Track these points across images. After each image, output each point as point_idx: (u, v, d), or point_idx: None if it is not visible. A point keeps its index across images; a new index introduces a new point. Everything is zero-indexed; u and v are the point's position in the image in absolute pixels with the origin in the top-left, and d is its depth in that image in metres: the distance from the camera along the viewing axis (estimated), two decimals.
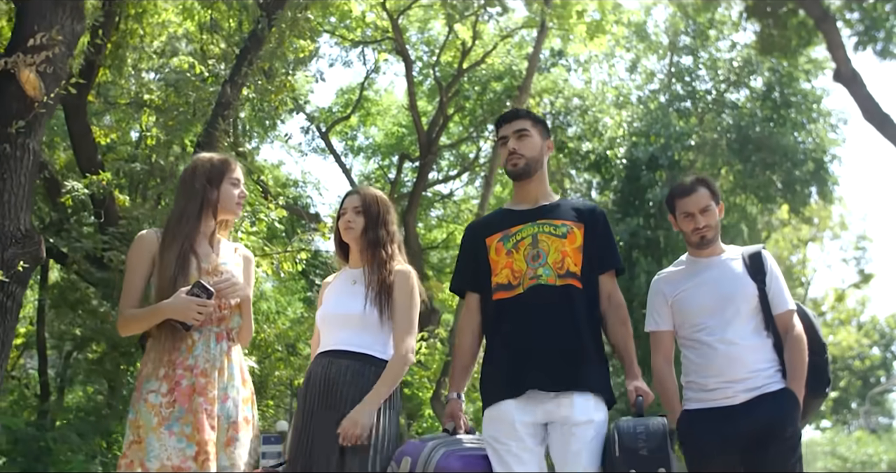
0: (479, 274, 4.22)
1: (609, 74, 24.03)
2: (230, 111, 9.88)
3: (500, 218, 4.35)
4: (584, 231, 4.16)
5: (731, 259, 4.55)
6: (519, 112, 4.43)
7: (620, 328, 4.16)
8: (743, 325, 4.38)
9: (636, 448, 3.73)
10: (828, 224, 29.64)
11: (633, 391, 4.00)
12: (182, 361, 3.89)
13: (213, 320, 3.96)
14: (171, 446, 3.78)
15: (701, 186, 4.54)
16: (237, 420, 3.93)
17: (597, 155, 20.92)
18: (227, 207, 4.14)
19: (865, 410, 39.30)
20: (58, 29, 6.39)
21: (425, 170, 19.49)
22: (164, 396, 3.85)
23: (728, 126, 20.89)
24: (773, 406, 4.27)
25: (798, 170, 20.23)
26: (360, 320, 4.19)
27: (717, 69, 21.94)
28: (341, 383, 4.10)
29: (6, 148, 6.13)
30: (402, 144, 22.81)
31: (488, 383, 4.14)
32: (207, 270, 3.99)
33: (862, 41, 14.61)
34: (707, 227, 4.47)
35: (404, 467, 3.88)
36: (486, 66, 19.25)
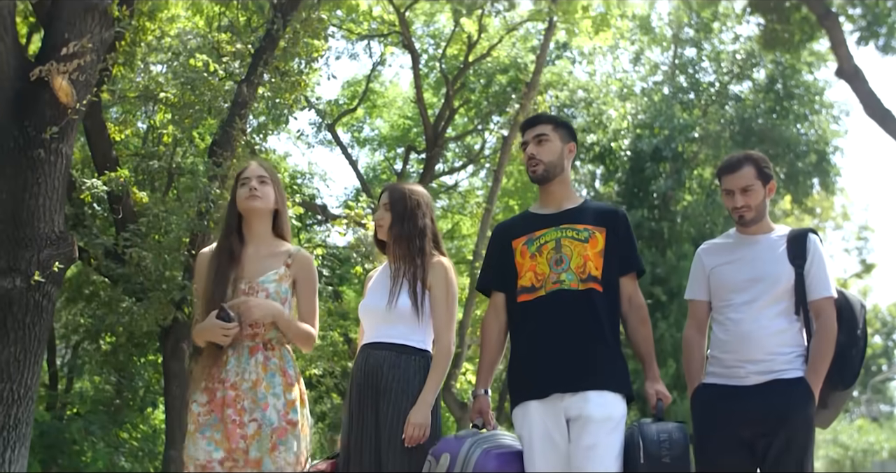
0: (505, 275, 4.35)
1: (613, 66, 24.20)
2: (246, 110, 10.11)
3: (525, 221, 4.48)
4: (605, 235, 4.25)
5: (776, 239, 4.45)
6: (541, 117, 4.56)
7: (641, 329, 4.31)
8: (769, 307, 4.33)
9: (660, 456, 3.90)
10: (830, 214, 29.76)
11: (653, 394, 4.19)
12: (218, 375, 4.20)
13: (246, 336, 4.19)
14: (202, 448, 4.16)
15: (747, 164, 4.43)
16: (280, 425, 4.13)
17: (601, 147, 21.05)
18: (241, 205, 4.33)
19: (867, 398, 39.38)
20: (88, 37, 6.62)
21: (432, 162, 19.67)
22: (203, 406, 4.20)
23: (731, 118, 21.02)
24: (785, 394, 4.23)
25: (800, 162, 20.40)
26: (387, 313, 4.30)
27: (720, 61, 22.07)
28: (379, 374, 4.22)
29: (41, 153, 6.38)
30: (408, 136, 22.96)
31: (514, 383, 4.34)
32: (244, 290, 4.23)
33: (864, 37, 14.70)
34: (746, 207, 4.39)
35: (444, 463, 3.98)
36: (492, 59, 19.37)
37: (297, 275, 4.36)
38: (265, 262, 4.33)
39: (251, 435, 4.12)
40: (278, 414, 4.15)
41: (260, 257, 4.34)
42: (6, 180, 6.32)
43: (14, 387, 6.19)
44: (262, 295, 4.23)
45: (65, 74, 6.35)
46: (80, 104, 6.54)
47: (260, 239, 4.38)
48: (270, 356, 4.23)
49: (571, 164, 4.54)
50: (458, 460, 3.98)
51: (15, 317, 6.26)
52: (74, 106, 6.49)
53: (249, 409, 4.13)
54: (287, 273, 4.34)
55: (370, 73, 21.51)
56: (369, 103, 23.05)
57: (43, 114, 6.44)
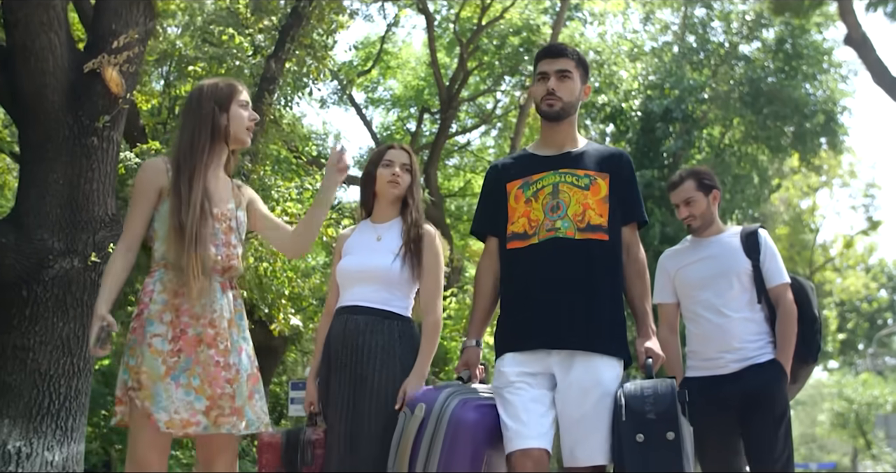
0: (498, 220, 4.04)
1: (623, 26, 24.36)
2: (275, 85, 10.45)
3: (522, 162, 4.13)
4: (609, 181, 3.94)
5: (729, 237, 4.90)
6: (566, 49, 4.12)
7: (637, 282, 3.96)
8: (736, 298, 4.70)
9: (644, 412, 3.58)
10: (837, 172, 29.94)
11: (643, 352, 3.87)
12: (188, 309, 3.62)
13: (219, 270, 3.71)
14: (178, 398, 3.53)
15: (688, 179, 4.93)
16: (252, 372, 3.73)
17: (612, 107, 21.28)
18: (238, 133, 3.85)
19: (872, 352, 39.66)
20: (134, 28, 6.97)
21: (446, 123, 19.97)
22: (170, 343, 3.58)
23: (741, 78, 21.23)
24: (761, 376, 4.60)
25: (808, 122, 20.59)
26: (385, 276, 4.11)
27: (729, 21, 22.22)
28: (360, 340, 4.02)
29: (94, 141, 6.75)
30: (422, 96, 23.24)
31: (501, 334, 3.98)
32: (217, 216, 3.73)
33: (873, 3, 14.93)
34: (691, 217, 4.88)
35: (418, 413, 3.73)
36: (505, 22, 19.61)
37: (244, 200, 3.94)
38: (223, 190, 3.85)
39: (231, 381, 3.62)
40: (250, 360, 3.73)
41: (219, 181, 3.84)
42: (62, 167, 6.67)
43: (74, 361, 6.55)
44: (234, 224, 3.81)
45: (115, 66, 6.71)
46: (129, 93, 6.91)
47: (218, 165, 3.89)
48: (236, 295, 3.80)
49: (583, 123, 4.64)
50: (433, 410, 3.73)
51: (74, 296, 6.61)
52: (124, 95, 6.85)
53: (231, 351, 3.66)
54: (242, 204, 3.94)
55: (384, 35, 21.74)
56: (383, 64, 23.30)
57: (95, 104, 6.78)
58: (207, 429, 3.56)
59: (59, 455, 6.36)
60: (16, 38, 6.61)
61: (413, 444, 3.71)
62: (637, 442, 3.54)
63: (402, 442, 3.74)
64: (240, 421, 3.62)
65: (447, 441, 3.68)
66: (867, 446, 40.93)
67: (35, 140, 6.73)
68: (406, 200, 4.31)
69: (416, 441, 3.71)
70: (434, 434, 3.70)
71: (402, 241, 4.19)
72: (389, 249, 4.18)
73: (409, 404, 3.82)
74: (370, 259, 4.16)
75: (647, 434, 3.54)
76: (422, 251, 4.20)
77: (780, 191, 26.53)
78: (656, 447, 3.53)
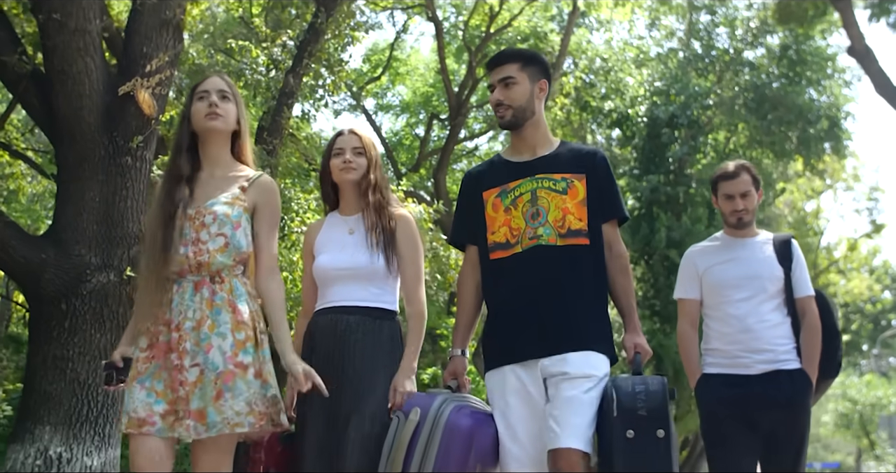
0: (476, 229, 3.98)
1: (629, 32, 24.59)
2: (293, 100, 10.78)
3: (497, 169, 4.03)
4: (585, 182, 3.88)
5: (763, 242, 4.88)
6: (504, 55, 4.04)
7: (620, 278, 3.94)
8: (766, 303, 4.70)
9: (635, 409, 3.53)
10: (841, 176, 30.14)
11: (631, 347, 3.83)
12: (163, 316, 3.66)
13: (191, 268, 3.68)
14: (139, 399, 3.57)
15: (744, 172, 4.86)
16: (225, 369, 3.56)
17: (618, 113, 21.52)
18: (197, 123, 3.80)
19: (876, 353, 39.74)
20: (164, 51, 7.29)
21: (455, 130, 20.22)
22: (144, 351, 3.66)
23: (745, 84, 21.48)
24: (790, 385, 4.60)
25: (812, 128, 20.81)
26: (367, 273, 3.97)
27: (734, 28, 22.48)
28: (353, 339, 3.89)
29: (128, 160, 7.06)
30: (431, 102, 23.51)
31: (488, 347, 3.95)
32: (190, 216, 3.70)
33: (875, 13, 15.18)
34: (745, 211, 4.83)
35: (413, 417, 3.67)
36: (513, 29, 19.86)
37: (258, 201, 3.80)
38: (219, 185, 3.79)
39: (192, 383, 3.55)
40: (223, 357, 3.56)
41: (214, 180, 3.81)
42: (98, 185, 6.98)
43: None
44: (209, 219, 3.71)
45: (148, 88, 7.02)
46: (161, 114, 7.23)
47: (216, 161, 3.85)
48: (218, 290, 3.66)
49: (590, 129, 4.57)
50: (429, 414, 3.67)
51: (111, 308, 6.91)
52: (156, 117, 7.18)
53: (192, 352, 3.57)
54: (242, 196, 3.79)
55: (393, 42, 22.02)
56: (392, 70, 23.57)
57: (129, 125, 7.09)
58: (162, 432, 3.54)
59: (98, 460, 6.65)
60: (54, 62, 6.93)
61: (407, 449, 3.66)
62: (627, 439, 3.49)
63: (396, 447, 3.67)
64: (199, 425, 3.53)
65: (442, 446, 3.64)
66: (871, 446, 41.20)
67: (72, 160, 7.04)
68: (365, 186, 4.11)
69: (410, 445, 3.66)
70: (429, 440, 3.65)
71: (374, 233, 4.01)
72: (363, 242, 4.01)
73: (404, 408, 3.75)
74: (348, 256, 4.00)
75: (638, 430, 3.49)
76: (397, 240, 4.05)
77: (784, 194, 26.74)
78: (646, 444, 3.49)
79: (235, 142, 3.90)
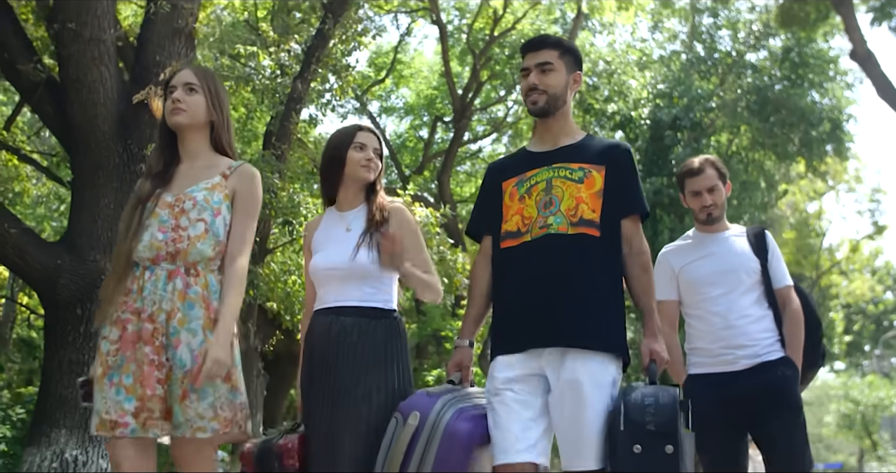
0: (493, 219, 3.84)
1: (632, 35, 24.69)
2: (301, 105, 10.90)
3: (518, 160, 3.93)
4: (604, 173, 3.71)
5: (735, 235, 4.78)
6: (546, 40, 3.91)
7: (641, 276, 3.72)
8: (744, 296, 4.59)
9: (643, 423, 3.36)
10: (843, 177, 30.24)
11: (646, 353, 3.63)
12: (131, 304, 3.48)
13: (167, 256, 3.51)
14: (110, 398, 3.39)
15: (709, 167, 4.75)
16: (193, 368, 3.40)
17: (622, 116, 21.58)
18: (167, 117, 3.73)
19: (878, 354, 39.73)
20: (177, 59, 7.41)
21: (459, 133, 20.37)
22: (114, 343, 3.47)
23: (748, 86, 21.57)
24: (775, 372, 4.48)
25: (815, 130, 20.87)
26: (360, 272, 3.85)
27: (736, 30, 22.57)
28: (349, 341, 3.78)
29: (142, 168, 7.16)
30: (434, 105, 23.65)
31: (496, 335, 3.79)
32: (170, 203, 3.58)
33: (877, 17, 15.31)
34: (713, 206, 4.72)
35: (412, 422, 3.54)
36: (516, 32, 19.98)
37: (238, 189, 3.67)
38: (199, 174, 3.68)
39: (163, 380, 3.40)
40: (192, 355, 3.40)
41: (194, 170, 3.70)
42: (113, 193, 7.10)
43: None
44: (188, 205, 3.58)
45: (161, 96, 7.11)
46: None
47: (195, 154, 3.74)
48: (192, 283, 3.50)
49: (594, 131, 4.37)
50: (428, 420, 3.53)
51: None
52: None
53: (166, 347, 3.42)
54: (223, 183, 3.67)
55: (397, 45, 22.14)
56: (396, 73, 23.69)
57: (143, 133, 7.23)
58: (135, 432, 3.37)
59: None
60: (69, 71, 7.05)
61: (405, 453, 3.52)
62: (634, 454, 3.34)
63: (394, 451, 3.54)
64: (166, 424, 3.41)
65: (441, 453, 3.50)
66: (873, 447, 41.26)
67: (87, 167, 7.16)
68: (372, 187, 4.02)
69: (407, 450, 3.52)
70: (428, 445, 3.51)
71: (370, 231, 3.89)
72: (360, 241, 3.89)
73: (403, 410, 3.61)
74: (340, 255, 3.87)
75: (645, 446, 3.34)
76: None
77: (786, 196, 26.85)
78: (654, 460, 3.33)
79: (214, 133, 3.75)
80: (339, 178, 4.00)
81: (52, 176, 11.96)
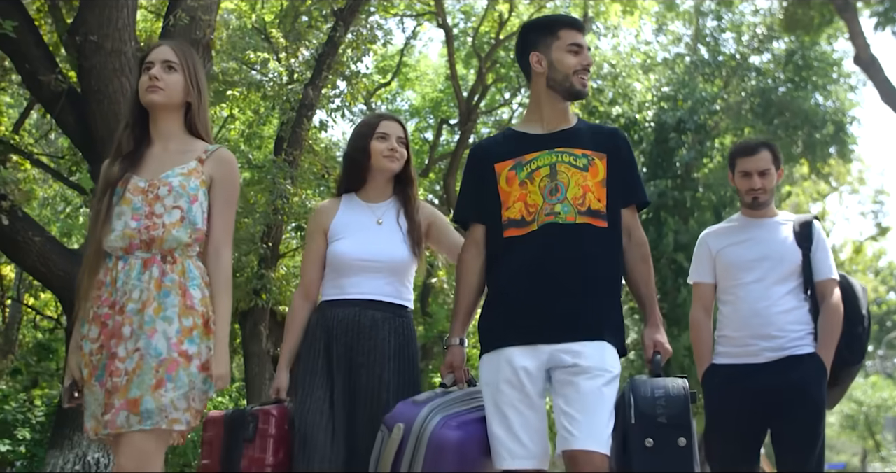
0: (486, 205, 3.64)
1: (637, 38, 24.79)
2: (313, 112, 11.06)
3: (510, 141, 3.71)
4: (606, 161, 3.59)
5: (781, 223, 4.58)
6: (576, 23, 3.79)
7: (641, 266, 3.66)
8: (779, 285, 4.41)
9: (654, 415, 3.30)
10: (846, 179, 30.31)
11: (650, 345, 3.56)
12: (106, 298, 3.32)
13: (141, 244, 3.33)
14: (100, 400, 3.25)
15: (764, 149, 4.56)
16: (169, 357, 3.21)
17: (626, 118, 21.68)
18: (141, 96, 3.49)
19: (881, 354, 39.86)
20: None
21: (465, 135, 20.48)
22: (94, 341, 3.30)
23: (752, 89, 21.68)
24: (800, 369, 4.30)
25: (818, 133, 20.99)
26: (399, 268, 3.81)
27: (741, 34, 22.69)
28: (379, 338, 3.70)
29: None
30: (440, 107, 23.77)
31: (490, 326, 3.60)
32: (143, 189, 3.39)
33: (881, 22, 15.38)
34: (762, 190, 4.52)
35: (396, 435, 3.38)
36: None
37: (215, 175, 3.47)
38: (173, 158, 3.47)
39: (132, 370, 3.19)
40: (168, 343, 3.22)
41: (168, 154, 3.49)
42: None
43: None
44: (163, 191, 3.38)
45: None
46: None
47: (168, 136, 3.53)
48: (168, 270, 3.32)
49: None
50: (412, 430, 3.37)
51: None
52: None
53: (133, 337, 3.23)
54: (199, 169, 3.46)
55: (403, 48, 22.27)
56: (402, 76, 23.81)
57: None
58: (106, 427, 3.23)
59: None
60: (90, 82, 7.19)
61: (392, 467, 3.39)
62: (646, 447, 3.28)
63: (381, 467, 3.42)
64: (132, 415, 3.16)
65: (427, 465, 3.35)
66: (876, 448, 41.40)
67: None
68: (402, 178, 3.96)
69: (394, 463, 3.39)
70: (413, 458, 3.37)
71: (407, 227, 3.86)
72: (397, 237, 3.84)
73: (387, 422, 3.45)
74: (381, 248, 3.80)
75: (657, 439, 3.28)
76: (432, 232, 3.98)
77: (790, 197, 26.93)
78: (666, 453, 3.27)
79: (188, 115, 3.56)
80: (365, 170, 3.93)
81: (62, 178, 12.09)
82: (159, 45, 3.56)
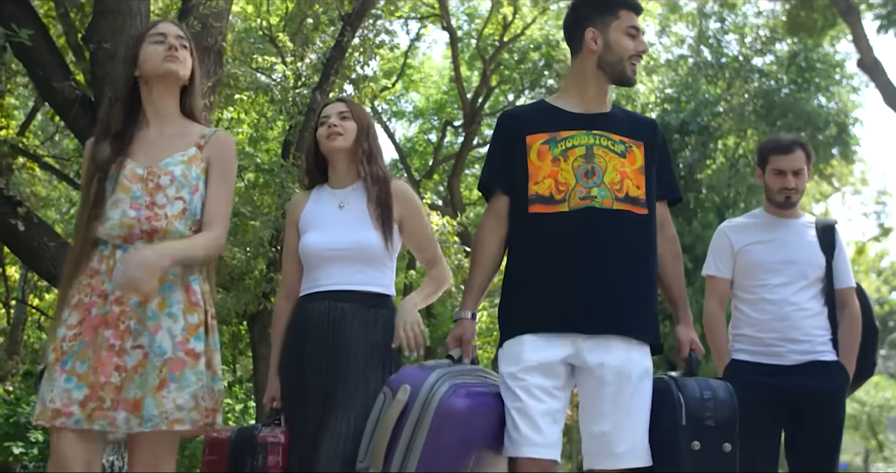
0: (513, 175, 3.45)
1: None
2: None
3: (546, 115, 3.52)
4: (644, 150, 3.45)
5: (806, 224, 4.52)
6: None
7: (675, 263, 3.56)
8: (805, 290, 4.38)
9: (703, 418, 3.20)
10: (849, 180, 30.31)
11: (686, 344, 3.46)
12: (97, 286, 3.16)
13: (142, 234, 3.19)
14: (58, 386, 3.05)
15: (799, 148, 4.47)
16: (174, 356, 3.10)
17: None
18: (153, 68, 3.28)
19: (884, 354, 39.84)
20: (207, 77, 7.61)
21: (470, 138, 20.57)
22: (72, 328, 3.13)
23: (755, 90, 21.76)
24: (827, 377, 4.31)
25: (821, 134, 21.03)
26: (365, 253, 3.59)
27: (743, 35, 22.75)
28: (348, 332, 3.51)
29: None
30: (444, 109, 23.86)
31: (512, 311, 3.45)
32: (142, 176, 3.24)
33: (884, 25, 15.44)
34: (795, 190, 4.44)
35: (401, 397, 3.18)
36: (525, 38, 20.18)
37: (212, 157, 3.35)
38: (172, 144, 3.32)
39: (133, 367, 3.07)
40: (173, 341, 3.10)
41: (164, 138, 3.33)
42: None
43: None
44: (165, 181, 3.24)
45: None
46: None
47: (165, 118, 3.37)
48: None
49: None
50: (419, 394, 3.17)
51: None
52: None
53: (135, 332, 3.10)
54: (199, 155, 3.32)
55: (407, 50, 22.34)
56: (406, 78, 23.89)
57: None
58: (79, 423, 3.02)
59: None
60: (104, 90, 7.25)
61: (392, 433, 3.18)
62: (693, 450, 3.18)
63: (380, 430, 3.21)
64: (133, 417, 3.05)
65: (432, 433, 3.13)
66: (879, 448, 41.40)
67: None
68: (361, 155, 3.70)
69: (395, 429, 3.18)
70: (418, 424, 3.15)
71: (373, 209, 3.63)
72: (360, 219, 3.63)
73: (392, 384, 3.26)
74: (342, 234, 3.60)
75: (704, 442, 3.19)
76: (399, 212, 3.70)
77: None
78: (712, 458, 3.19)
79: (185, 97, 3.41)
80: (319, 157, 3.77)
81: (68, 180, 12.17)
82: (164, 21, 3.42)
